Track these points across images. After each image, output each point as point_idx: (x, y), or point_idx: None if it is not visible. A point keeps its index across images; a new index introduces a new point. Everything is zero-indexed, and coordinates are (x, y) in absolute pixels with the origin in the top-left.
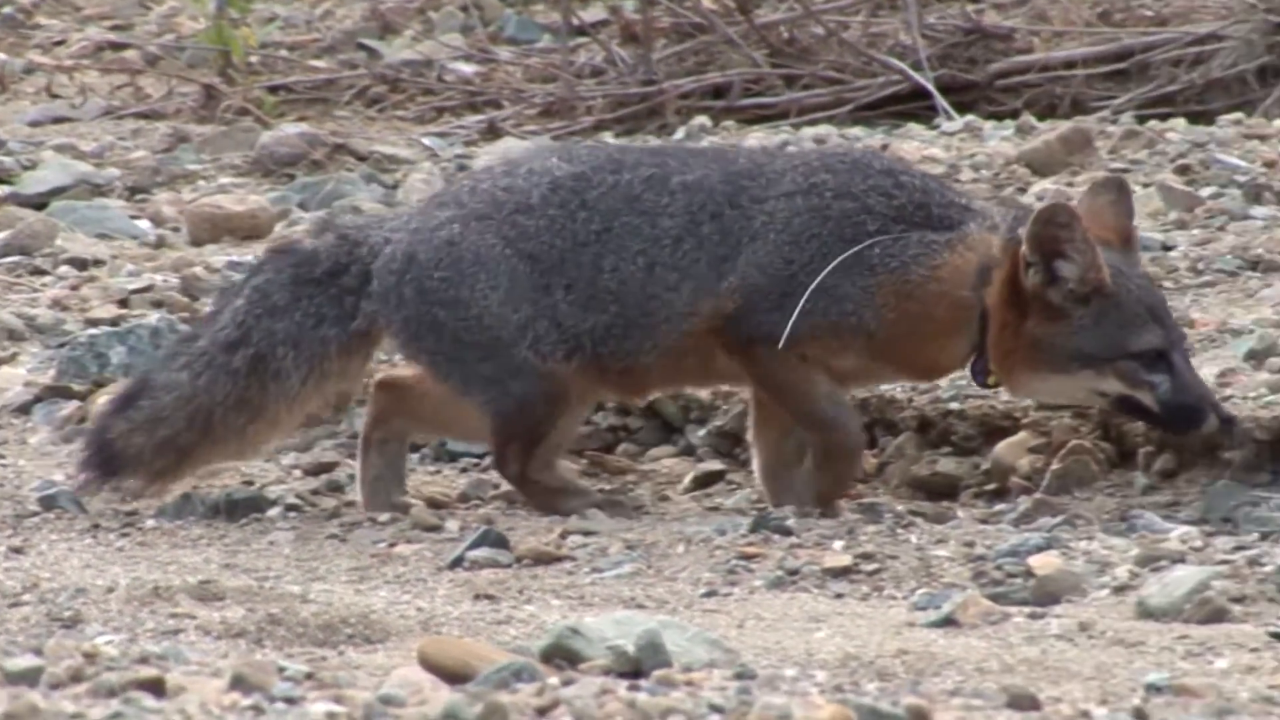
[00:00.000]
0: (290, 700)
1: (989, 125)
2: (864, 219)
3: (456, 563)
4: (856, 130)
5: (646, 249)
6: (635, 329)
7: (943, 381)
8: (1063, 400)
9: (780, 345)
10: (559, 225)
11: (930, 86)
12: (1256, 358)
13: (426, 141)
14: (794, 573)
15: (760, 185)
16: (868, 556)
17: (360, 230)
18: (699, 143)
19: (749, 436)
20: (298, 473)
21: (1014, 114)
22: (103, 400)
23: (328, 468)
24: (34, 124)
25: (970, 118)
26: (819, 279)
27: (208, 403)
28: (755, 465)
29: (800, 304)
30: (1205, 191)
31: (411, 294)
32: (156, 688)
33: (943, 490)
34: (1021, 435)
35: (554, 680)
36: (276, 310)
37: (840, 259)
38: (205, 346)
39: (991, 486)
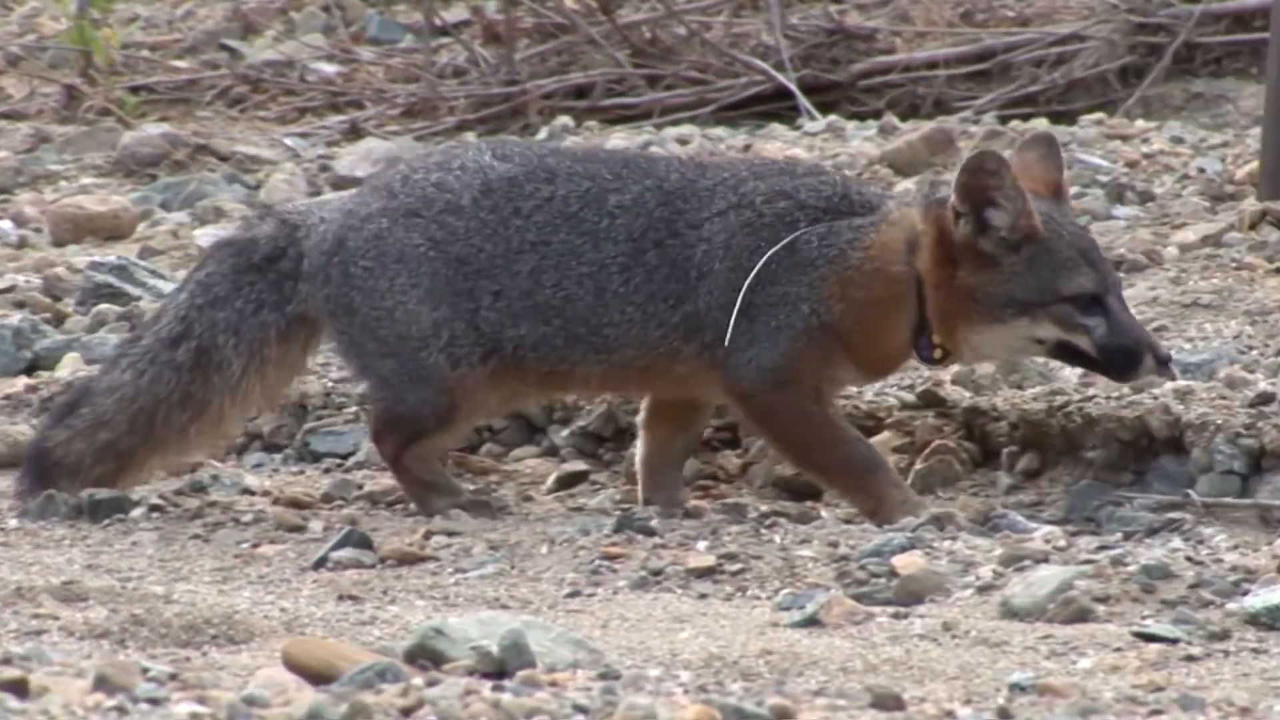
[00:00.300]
0: (154, 701)
1: (851, 125)
2: (798, 216)
3: (320, 563)
4: (719, 130)
5: (593, 273)
6: (580, 343)
7: None
8: (1005, 355)
9: (729, 345)
10: (490, 230)
11: (793, 87)
12: None
13: (289, 142)
14: (658, 573)
15: (694, 207)
16: (731, 557)
17: (299, 214)
18: (563, 142)
19: (639, 420)
20: (161, 473)
21: (876, 114)
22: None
23: (191, 468)
24: None
25: (833, 118)
26: (754, 272)
27: (150, 403)
28: (638, 452)
29: (738, 301)
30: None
31: (337, 275)
32: (19, 688)
33: (806, 490)
34: (885, 435)
35: (418, 681)
36: (218, 300)
37: (772, 251)
38: (149, 345)
39: (845, 502)
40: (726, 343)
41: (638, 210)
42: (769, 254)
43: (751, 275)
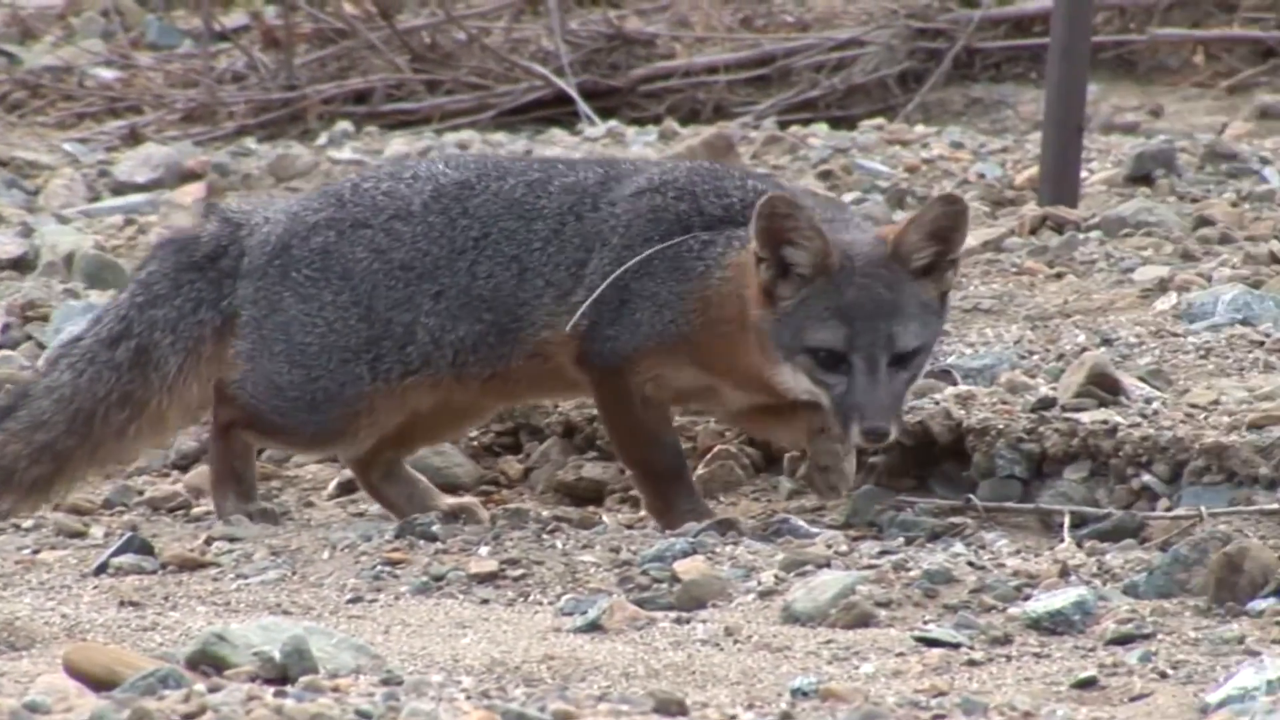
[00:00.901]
0: None
1: (632, 131)
2: (693, 220)
3: (101, 569)
4: (500, 136)
5: (519, 254)
6: (507, 334)
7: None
8: (796, 395)
9: (570, 331)
10: (437, 233)
11: (573, 92)
12: None
13: (68, 147)
14: (440, 578)
15: (622, 186)
16: (514, 562)
17: (244, 213)
18: (342, 149)
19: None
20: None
21: (657, 119)
22: None
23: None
24: None
25: (613, 123)
26: (612, 277)
27: (89, 403)
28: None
29: (591, 298)
30: (848, 196)
31: (274, 274)
32: None
33: (589, 495)
34: None
35: (200, 687)
36: (158, 299)
37: (633, 261)
38: (89, 345)
39: (636, 491)
40: (578, 314)
41: (575, 188)
42: (651, 251)
43: (626, 266)
